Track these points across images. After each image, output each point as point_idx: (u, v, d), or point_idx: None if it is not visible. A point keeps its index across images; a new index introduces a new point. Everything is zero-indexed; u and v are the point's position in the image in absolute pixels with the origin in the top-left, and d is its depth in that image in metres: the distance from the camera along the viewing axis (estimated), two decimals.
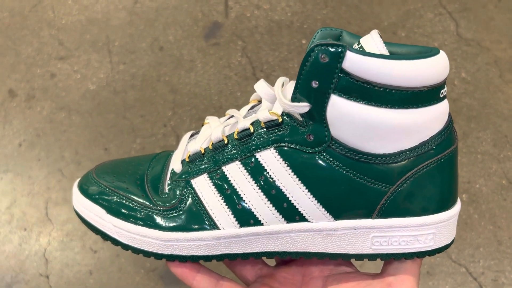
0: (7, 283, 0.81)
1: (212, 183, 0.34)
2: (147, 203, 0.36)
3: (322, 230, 0.34)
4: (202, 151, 0.36)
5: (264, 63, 1.05)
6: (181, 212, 0.35)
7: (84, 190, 0.37)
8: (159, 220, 0.35)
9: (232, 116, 0.38)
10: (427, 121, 0.32)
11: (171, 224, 0.35)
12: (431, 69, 0.30)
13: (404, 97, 0.31)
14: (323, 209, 0.33)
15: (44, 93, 1.02)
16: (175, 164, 0.37)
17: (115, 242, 0.38)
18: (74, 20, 1.13)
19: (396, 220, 0.33)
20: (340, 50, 0.30)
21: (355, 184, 0.32)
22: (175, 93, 1.01)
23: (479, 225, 0.85)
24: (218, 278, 0.39)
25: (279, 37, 1.09)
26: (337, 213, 0.33)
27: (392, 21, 1.09)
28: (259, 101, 0.38)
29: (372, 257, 0.34)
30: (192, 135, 0.40)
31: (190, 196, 0.35)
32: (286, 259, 0.42)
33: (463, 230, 0.85)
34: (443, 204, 0.34)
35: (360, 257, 0.34)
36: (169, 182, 0.36)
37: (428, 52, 0.31)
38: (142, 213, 0.35)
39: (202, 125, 0.39)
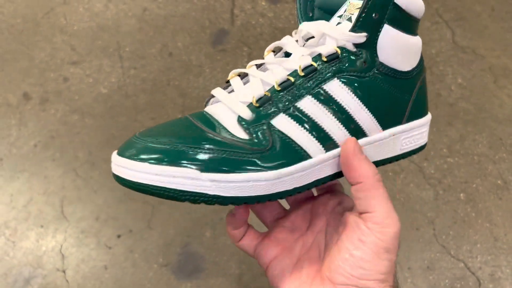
0: (25, 278, 0.84)
1: (292, 119, 0.37)
2: (243, 150, 0.35)
3: (375, 141, 0.41)
4: (269, 94, 0.37)
5: None
6: (277, 150, 0.36)
7: (158, 159, 0.34)
8: (262, 162, 0.35)
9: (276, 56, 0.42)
10: (420, 46, 0.42)
11: (274, 163, 0.36)
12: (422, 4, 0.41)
13: (417, 26, 0.41)
14: (377, 122, 0.40)
15: (57, 97, 1.05)
16: (242, 111, 0.36)
17: (214, 199, 0.34)
18: (85, 26, 1.17)
19: (416, 122, 0.43)
20: None
21: (395, 97, 0.40)
22: (184, 97, 1.05)
23: (476, 222, 0.89)
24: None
25: None
26: (384, 123, 0.41)
27: None
28: (274, 51, 0.42)
29: (400, 157, 0.43)
30: (225, 87, 0.41)
31: (277, 135, 0.36)
32: (298, 201, 0.47)
33: (461, 227, 0.89)
34: (427, 109, 0.46)
35: (394, 159, 0.43)
36: (245, 127, 0.36)
37: None
38: (243, 160, 0.35)
39: (227, 81, 0.41)
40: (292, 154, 0.37)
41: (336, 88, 0.38)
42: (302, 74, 0.37)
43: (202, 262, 0.85)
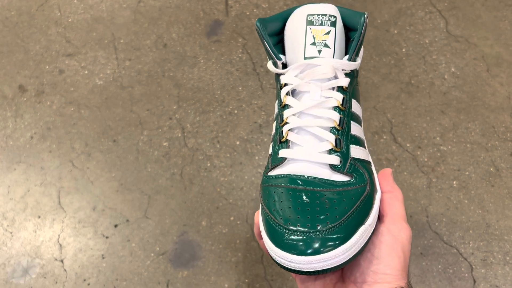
0: (23, 267, 0.85)
1: (355, 145, 0.43)
2: (359, 193, 0.40)
3: None
4: (337, 136, 0.41)
5: (264, 59, 1.10)
6: (366, 177, 0.42)
7: (331, 245, 0.34)
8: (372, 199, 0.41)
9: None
10: None
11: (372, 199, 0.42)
12: None
13: None
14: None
15: (53, 88, 1.06)
16: (330, 159, 0.39)
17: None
18: (80, 18, 1.17)
19: None
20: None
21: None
22: (179, 88, 1.05)
23: (468, 209, 0.91)
24: None
25: None
26: None
27: (384, 19, 1.14)
28: (287, 94, 0.44)
29: None
30: (286, 146, 0.41)
31: (360, 163, 0.42)
32: None
33: (454, 214, 0.90)
34: None
35: None
36: (342, 169, 0.39)
37: None
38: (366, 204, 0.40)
39: (284, 141, 0.41)
40: (369, 173, 0.41)
41: (354, 105, 0.43)
42: (343, 107, 0.41)
43: (199, 250, 0.86)
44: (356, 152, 0.40)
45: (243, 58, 1.09)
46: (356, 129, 0.42)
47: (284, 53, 0.45)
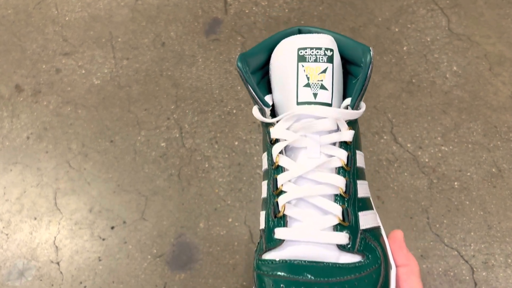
0: (19, 269, 0.84)
1: (365, 210, 0.37)
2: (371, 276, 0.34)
3: None
4: (344, 206, 0.34)
5: None
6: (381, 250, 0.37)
7: None
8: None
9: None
10: None
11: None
12: None
13: None
14: None
15: (50, 88, 1.05)
16: (337, 238, 0.33)
17: None
18: (77, 17, 1.15)
19: None
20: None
21: None
22: (177, 87, 1.04)
23: (470, 211, 0.89)
24: None
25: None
26: None
27: (385, 16, 1.13)
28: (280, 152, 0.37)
29: None
30: (282, 225, 0.34)
31: (370, 234, 0.36)
32: None
33: (455, 215, 0.89)
34: None
35: None
36: (351, 249, 0.33)
37: None
38: None
39: (279, 217, 0.34)
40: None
41: (359, 158, 0.37)
42: (348, 167, 0.35)
43: (196, 252, 0.85)
44: (365, 220, 0.34)
45: None
46: (363, 189, 0.36)
47: (270, 90, 0.38)
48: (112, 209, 0.89)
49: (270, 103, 0.36)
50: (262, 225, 0.36)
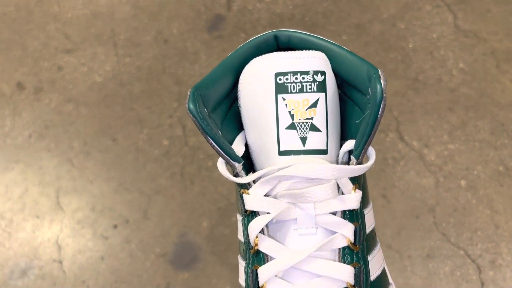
0: (21, 268, 0.84)
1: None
2: None
3: None
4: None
5: None
6: None
7: None
8: None
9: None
10: None
11: None
12: None
13: None
14: None
15: (51, 86, 1.04)
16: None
17: None
18: (79, 14, 1.14)
19: None
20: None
21: None
22: (180, 85, 1.03)
23: (477, 210, 0.88)
24: None
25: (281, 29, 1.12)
26: None
27: (391, 13, 1.11)
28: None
29: None
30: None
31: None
32: None
33: (462, 214, 0.88)
34: None
35: None
36: None
37: None
38: None
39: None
40: None
41: (368, 218, 0.28)
42: (356, 247, 0.25)
43: (199, 252, 0.84)
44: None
45: None
46: (375, 264, 0.26)
47: (241, 126, 0.28)
48: (115, 208, 0.88)
49: (242, 149, 0.26)
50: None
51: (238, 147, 0.26)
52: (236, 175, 0.26)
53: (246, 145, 0.28)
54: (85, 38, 1.11)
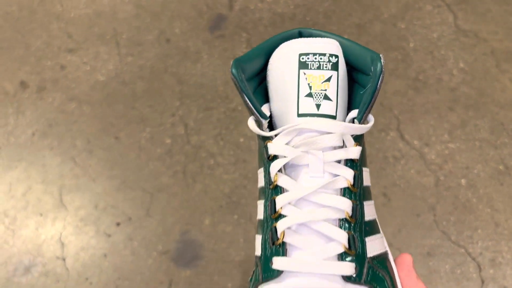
0: (25, 266, 0.84)
1: (370, 235, 0.33)
2: None
3: None
4: (351, 232, 0.31)
5: None
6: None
7: None
8: None
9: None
10: None
11: None
12: None
13: None
14: None
15: (54, 85, 1.05)
16: (343, 269, 0.30)
17: None
18: (82, 13, 1.15)
19: None
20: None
21: None
22: (182, 84, 1.04)
23: (477, 208, 0.89)
24: None
25: (282, 29, 1.12)
26: None
27: (392, 13, 1.12)
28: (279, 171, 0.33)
29: None
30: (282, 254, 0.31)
31: (378, 263, 0.33)
32: None
33: (462, 213, 0.88)
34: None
35: None
36: (358, 281, 0.31)
37: None
38: None
39: (279, 244, 0.30)
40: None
41: (365, 176, 0.34)
42: (355, 189, 0.31)
43: (201, 249, 0.85)
44: (373, 246, 0.31)
45: None
46: (370, 211, 0.32)
47: (267, 98, 0.35)
48: (117, 206, 0.89)
49: (268, 114, 0.33)
50: (258, 252, 0.32)
51: (264, 111, 0.33)
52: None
53: (269, 116, 0.34)
54: (87, 38, 1.11)
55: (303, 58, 0.31)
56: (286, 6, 1.15)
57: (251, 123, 0.33)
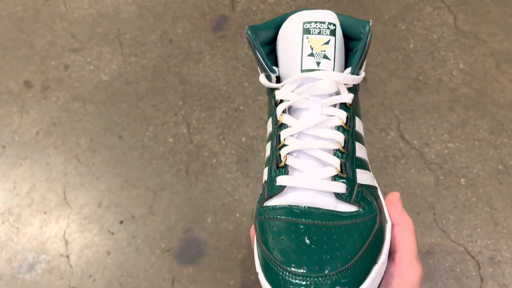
0: (29, 263, 0.85)
1: (361, 169, 0.38)
2: (368, 224, 0.36)
3: None
4: (343, 160, 0.36)
5: None
6: (374, 208, 0.38)
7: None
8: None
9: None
10: None
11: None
12: None
13: None
14: None
15: (58, 84, 1.06)
16: (335, 187, 0.35)
17: None
18: (85, 13, 1.16)
19: None
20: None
21: None
22: (184, 84, 1.05)
23: (476, 207, 0.90)
24: None
25: None
26: None
27: (392, 14, 1.13)
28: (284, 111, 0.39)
29: None
30: (284, 173, 0.36)
31: (368, 191, 0.38)
32: None
33: (462, 212, 0.89)
34: None
35: None
36: (348, 199, 0.35)
37: None
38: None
39: (281, 167, 0.36)
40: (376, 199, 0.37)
41: (358, 124, 0.39)
42: (347, 127, 0.37)
43: (204, 247, 0.86)
44: (362, 177, 0.36)
45: (249, 54, 1.09)
46: (361, 151, 0.38)
47: (276, 65, 0.40)
48: (121, 204, 0.90)
49: (263, 82, 0.39)
50: (265, 177, 0.37)
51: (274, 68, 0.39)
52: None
53: (277, 77, 0.40)
54: (91, 38, 1.12)
55: (306, 26, 0.37)
56: (288, 7, 1.16)
57: (262, 78, 0.39)
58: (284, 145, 0.36)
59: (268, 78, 0.38)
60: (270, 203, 0.35)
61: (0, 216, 0.90)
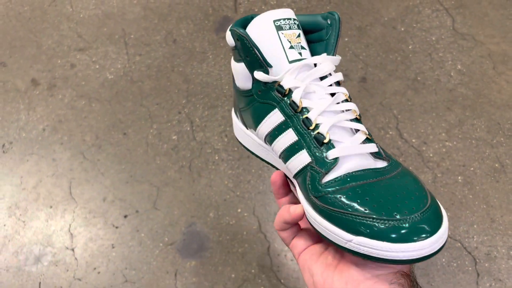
0: (35, 255, 0.87)
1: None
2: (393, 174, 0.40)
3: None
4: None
5: None
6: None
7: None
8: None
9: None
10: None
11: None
12: None
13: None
14: None
15: (65, 82, 1.08)
16: (372, 148, 0.40)
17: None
18: (91, 14, 1.19)
19: None
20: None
21: None
22: (188, 83, 1.07)
23: (473, 204, 0.91)
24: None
25: None
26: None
27: (391, 16, 1.15)
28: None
29: None
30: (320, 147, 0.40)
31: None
32: None
33: (459, 209, 0.91)
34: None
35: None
36: (382, 156, 0.40)
37: None
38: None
39: (325, 143, 0.40)
40: None
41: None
42: (350, 98, 0.43)
43: (206, 241, 0.88)
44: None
45: None
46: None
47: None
48: (125, 199, 0.92)
49: (261, 77, 0.42)
50: (307, 161, 0.40)
51: (257, 77, 0.42)
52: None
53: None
54: (97, 37, 1.15)
55: (277, 23, 0.41)
56: (290, 8, 1.19)
57: (259, 75, 0.41)
58: (318, 125, 0.39)
59: (267, 72, 0.41)
60: (330, 177, 0.38)
61: (7, 210, 0.92)
